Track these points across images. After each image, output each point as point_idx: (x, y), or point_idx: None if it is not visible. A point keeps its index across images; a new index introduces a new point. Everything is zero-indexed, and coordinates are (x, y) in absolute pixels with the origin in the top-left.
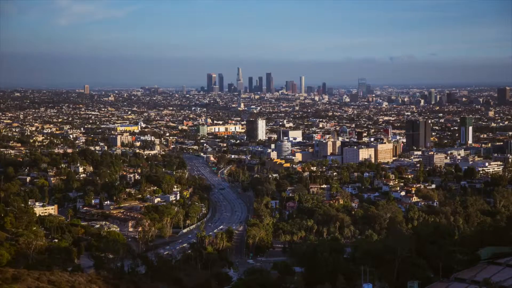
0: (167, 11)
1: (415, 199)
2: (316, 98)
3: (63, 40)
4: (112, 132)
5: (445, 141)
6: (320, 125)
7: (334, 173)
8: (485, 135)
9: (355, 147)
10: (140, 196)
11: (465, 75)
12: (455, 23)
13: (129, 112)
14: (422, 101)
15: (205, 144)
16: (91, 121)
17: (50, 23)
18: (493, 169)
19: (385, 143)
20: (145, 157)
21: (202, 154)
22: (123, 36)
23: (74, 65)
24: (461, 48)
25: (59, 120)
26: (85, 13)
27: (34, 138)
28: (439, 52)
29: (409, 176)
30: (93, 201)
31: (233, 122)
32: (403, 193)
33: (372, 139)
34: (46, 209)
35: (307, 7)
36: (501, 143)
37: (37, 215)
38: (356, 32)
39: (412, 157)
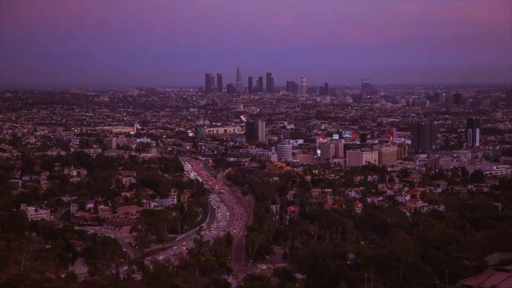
0: (166, 11)
1: (420, 203)
2: (318, 99)
3: (58, 39)
4: (107, 134)
5: (452, 143)
6: (322, 127)
7: (337, 177)
8: (492, 137)
9: (359, 150)
10: (136, 200)
11: (472, 75)
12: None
13: (125, 114)
14: (428, 102)
15: (203, 147)
16: (85, 123)
17: (44, 21)
18: (501, 172)
19: (389, 145)
20: (141, 160)
21: (200, 156)
22: (119, 35)
23: (68, 65)
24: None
25: (52, 121)
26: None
27: (27, 140)
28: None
29: (414, 180)
30: (87, 206)
31: (232, 123)
32: (408, 197)
33: (376, 142)
34: (39, 214)
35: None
36: (510, 145)
37: (30, 219)
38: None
39: (417, 160)
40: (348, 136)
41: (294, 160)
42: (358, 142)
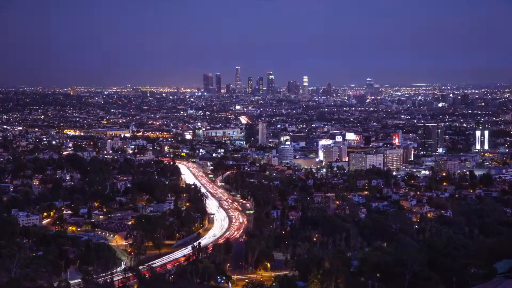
0: (163, 9)
1: (427, 208)
2: (321, 99)
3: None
4: (102, 136)
5: (459, 146)
6: (325, 129)
7: (340, 181)
8: (502, 140)
9: (363, 153)
10: (131, 205)
11: (480, 75)
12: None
13: (120, 115)
14: (435, 102)
15: (201, 149)
16: (78, 125)
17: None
18: (511, 176)
19: (394, 148)
20: (137, 163)
21: (198, 160)
22: (114, 35)
23: (61, 64)
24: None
25: (45, 123)
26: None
27: (18, 142)
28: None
29: (421, 184)
30: (81, 211)
31: (232, 125)
32: (414, 202)
33: (380, 144)
34: (30, 219)
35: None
36: None
37: (21, 225)
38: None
39: (423, 164)
40: (351, 138)
41: (296, 164)
42: (362, 145)
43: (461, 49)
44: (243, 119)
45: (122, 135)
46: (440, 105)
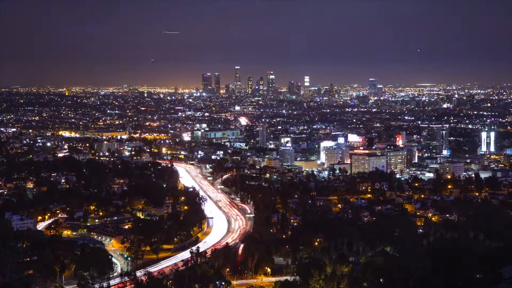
0: (161, 8)
1: (431, 212)
2: (322, 100)
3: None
4: (98, 137)
5: (465, 148)
6: (327, 130)
7: (342, 183)
8: (508, 141)
9: (366, 155)
10: (128, 208)
11: (487, 74)
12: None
13: (116, 116)
14: (440, 102)
15: (200, 151)
16: (74, 126)
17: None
18: None
19: (398, 150)
20: (134, 165)
21: (196, 162)
22: (111, 33)
23: (56, 63)
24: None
25: (39, 124)
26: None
27: (12, 144)
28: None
29: (425, 187)
30: (76, 214)
31: (231, 127)
32: (418, 206)
33: (384, 146)
34: (24, 223)
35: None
36: None
37: (15, 229)
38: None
39: (428, 166)
40: (354, 140)
41: (297, 166)
42: (365, 147)
43: (464, 48)
44: (243, 120)
45: (119, 137)
46: (445, 105)
